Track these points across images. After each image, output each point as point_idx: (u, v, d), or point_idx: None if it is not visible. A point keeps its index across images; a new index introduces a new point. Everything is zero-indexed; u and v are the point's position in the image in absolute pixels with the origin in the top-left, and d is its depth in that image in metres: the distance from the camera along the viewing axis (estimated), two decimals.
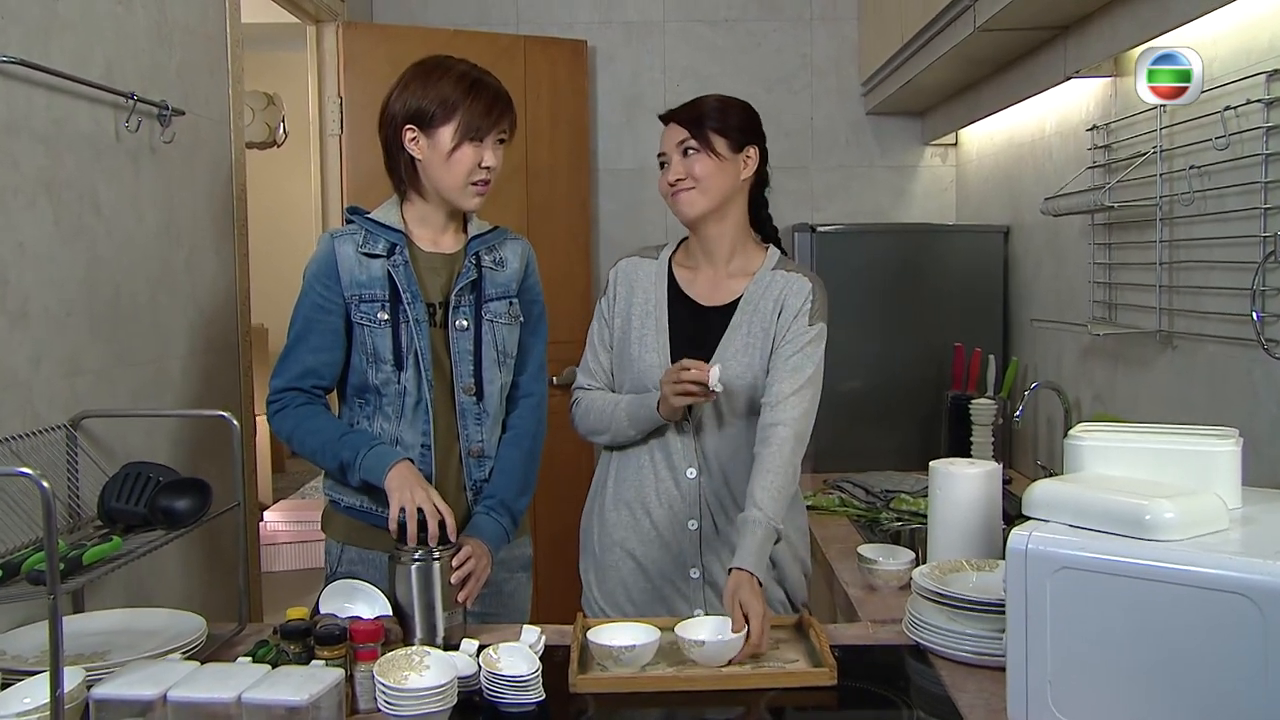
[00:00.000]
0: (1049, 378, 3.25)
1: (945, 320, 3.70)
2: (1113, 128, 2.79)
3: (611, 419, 2.32)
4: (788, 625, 2.12)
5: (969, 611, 1.92)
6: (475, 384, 2.23)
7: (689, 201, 2.28)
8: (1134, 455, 1.72)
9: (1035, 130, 3.44)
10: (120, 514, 2.02)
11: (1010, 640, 1.64)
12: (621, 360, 2.36)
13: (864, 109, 4.45)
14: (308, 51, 3.93)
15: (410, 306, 2.17)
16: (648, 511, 2.33)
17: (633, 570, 2.35)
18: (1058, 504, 1.65)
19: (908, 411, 3.69)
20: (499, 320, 2.26)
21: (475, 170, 2.18)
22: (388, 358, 2.17)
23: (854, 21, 4.43)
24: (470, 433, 2.25)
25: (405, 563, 1.99)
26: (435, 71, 2.19)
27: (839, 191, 4.48)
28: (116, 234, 2.38)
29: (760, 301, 2.31)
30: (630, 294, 2.37)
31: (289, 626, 1.80)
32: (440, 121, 2.16)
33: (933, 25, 3.16)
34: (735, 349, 2.28)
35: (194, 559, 2.70)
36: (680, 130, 2.29)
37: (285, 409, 2.20)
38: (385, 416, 2.21)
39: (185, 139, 2.68)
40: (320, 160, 3.98)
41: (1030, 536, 1.61)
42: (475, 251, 2.27)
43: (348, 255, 2.19)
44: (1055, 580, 1.58)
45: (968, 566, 2.13)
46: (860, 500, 3.17)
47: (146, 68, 2.51)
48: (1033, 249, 3.49)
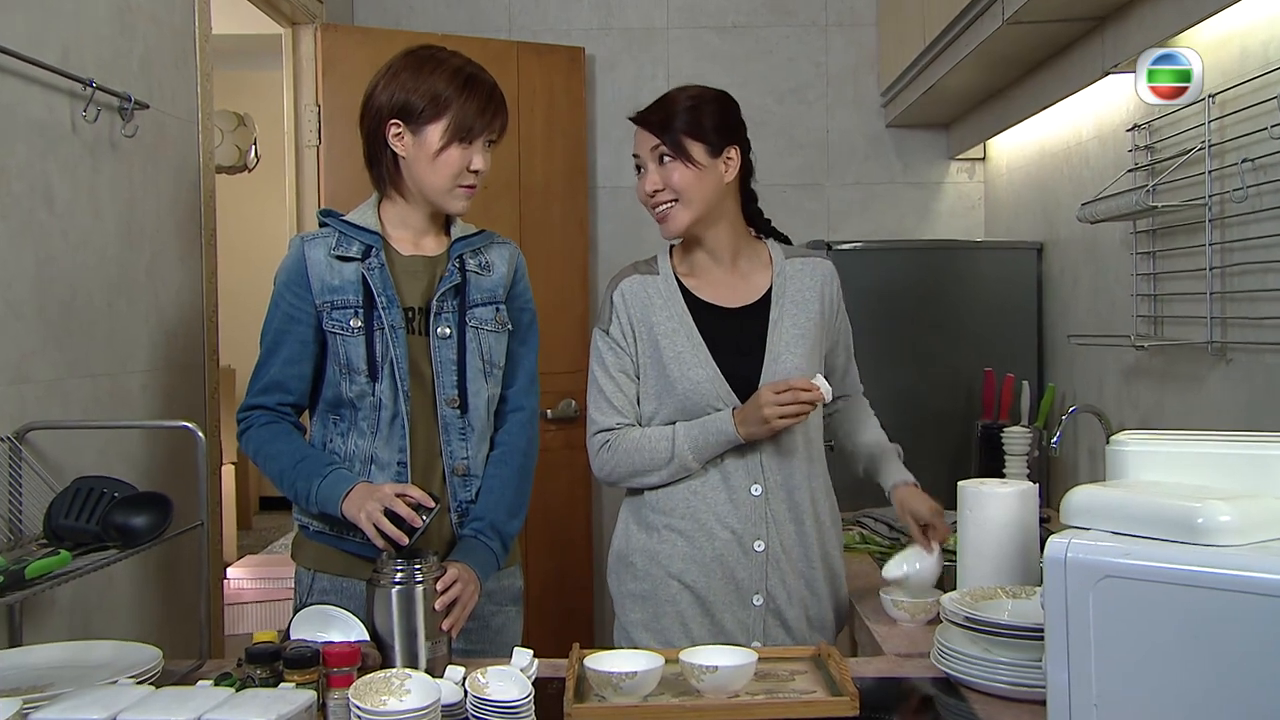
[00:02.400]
0: (1089, 401, 3.23)
1: (974, 344, 3.69)
2: (1156, 126, 2.79)
3: (671, 454, 2.29)
4: (804, 657, 2.09)
5: (1005, 638, 1.89)
6: (459, 396, 2.22)
7: (673, 219, 2.32)
8: (1184, 460, 1.71)
9: (1070, 136, 3.44)
10: (69, 531, 2.00)
11: (1050, 661, 1.61)
12: (660, 385, 2.33)
13: (884, 121, 4.47)
14: (283, 56, 3.96)
15: (385, 312, 2.17)
16: (710, 536, 2.31)
17: (691, 603, 2.33)
18: (1099, 510, 1.63)
19: (934, 444, 3.67)
20: (484, 328, 2.26)
21: (463, 173, 2.20)
22: (361, 368, 2.17)
23: (872, 27, 4.47)
24: (454, 449, 2.23)
25: (384, 585, 1.97)
26: (428, 64, 2.20)
27: (857, 210, 4.49)
28: (72, 232, 2.38)
29: (791, 291, 2.37)
30: (646, 314, 2.36)
31: (256, 649, 1.78)
32: (429, 118, 2.17)
33: (958, 21, 3.18)
34: (785, 345, 2.33)
35: (150, 588, 2.67)
36: (652, 136, 2.30)
37: (250, 429, 2.22)
38: (360, 432, 2.20)
39: (149, 136, 2.69)
40: (296, 176, 4.00)
41: (1070, 544, 1.59)
42: (459, 254, 2.27)
43: (318, 260, 2.20)
44: (1099, 591, 1.55)
45: (1002, 594, 2.10)
46: (883, 536, 3.14)
47: (107, 56, 2.52)
48: (1069, 265, 3.49)
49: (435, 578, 2.01)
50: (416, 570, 1.98)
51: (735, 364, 2.31)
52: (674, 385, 2.31)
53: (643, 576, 2.36)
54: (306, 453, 2.20)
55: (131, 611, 2.59)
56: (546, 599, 3.07)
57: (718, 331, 2.34)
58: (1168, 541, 1.53)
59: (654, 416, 2.34)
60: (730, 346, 2.32)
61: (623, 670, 1.84)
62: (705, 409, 2.29)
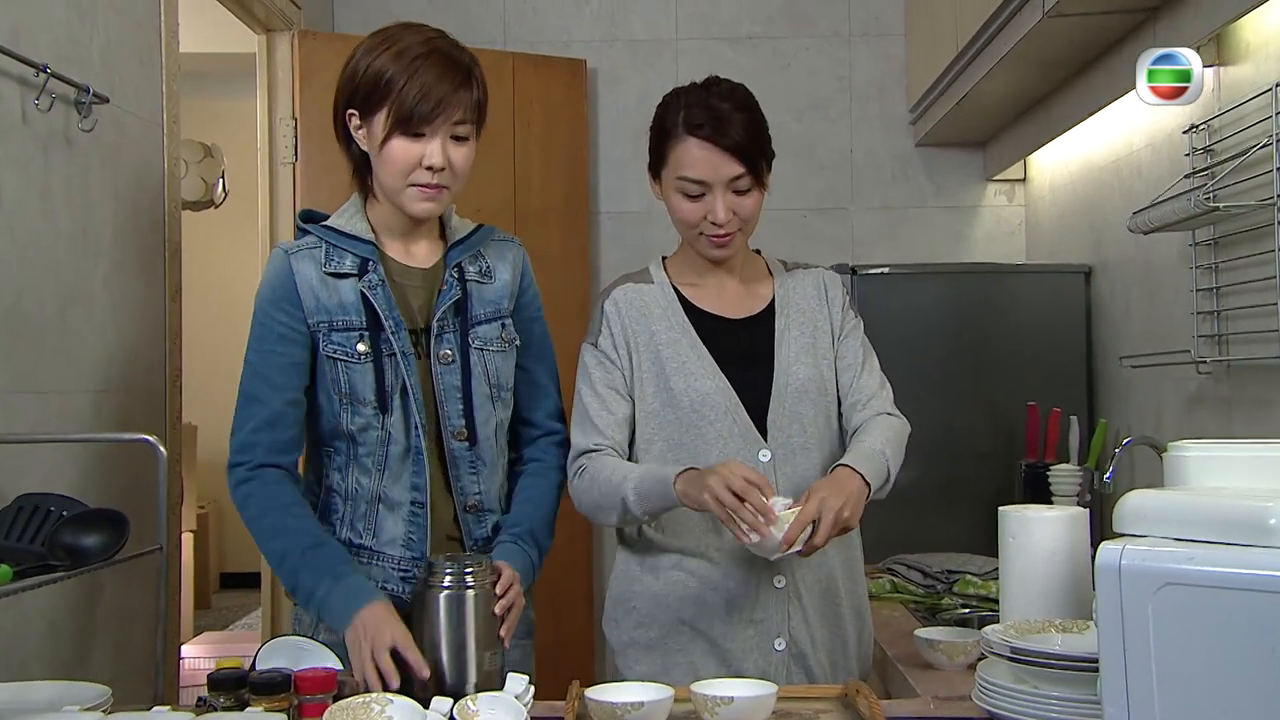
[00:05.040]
0: (1146, 433, 3.21)
1: (1016, 377, 3.68)
2: (1215, 126, 2.80)
3: (617, 495, 2.20)
4: (831, 697, 2.07)
5: (1057, 669, 1.86)
6: (467, 427, 2.18)
7: (733, 245, 2.30)
8: (1249, 466, 1.71)
9: (1120, 146, 3.46)
10: (9, 553, 1.98)
11: (1105, 681, 1.58)
12: (661, 400, 2.31)
13: (913, 139, 4.50)
14: (257, 66, 4.00)
15: (394, 336, 2.11)
16: (724, 574, 2.27)
17: (705, 651, 2.28)
18: (1157, 514, 1.61)
19: (972, 488, 3.64)
20: (490, 348, 2.21)
21: (416, 170, 2.09)
22: (368, 398, 2.11)
23: (899, 37, 4.51)
24: (465, 484, 2.20)
25: (435, 589, 1.96)
26: (385, 42, 2.12)
27: (884, 236, 4.50)
28: (19, 232, 2.39)
29: (796, 300, 2.37)
30: (643, 324, 2.34)
31: (219, 675, 1.76)
32: (375, 105, 2.08)
33: (994, 19, 3.20)
34: (794, 353, 2.32)
35: (98, 622, 2.64)
36: (733, 163, 2.22)
37: (250, 484, 2.11)
38: (363, 469, 2.15)
39: (109, 134, 2.71)
40: (270, 197, 4.00)
41: (1124, 550, 1.57)
42: (457, 263, 2.21)
43: (308, 276, 2.12)
44: (1158, 601, 1.53)
45: (1052, 628, 2.07)
46: (918, 584, 3.12)
47: (63, 42, 2.55)
48: (1120, 288, 3.49)
49: (491, 581, 2.01)
50: (466, 574, 1.98)
51: (744, 376, 2.30)
52: (678, 399, 2.28)
53: (648, 623, 2.33)
54: (319, 538, 2.10)
55: (74, 646, 2.57)
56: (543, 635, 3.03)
57: (723, 342, 2.33)
58: (1235, 545, 1.51)
59: (653, 440, 2.30)
60: (737, 358, 2.31)
61: (628, 701, 1.81)
62: (712, 424, 2.27)
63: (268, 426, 2.11)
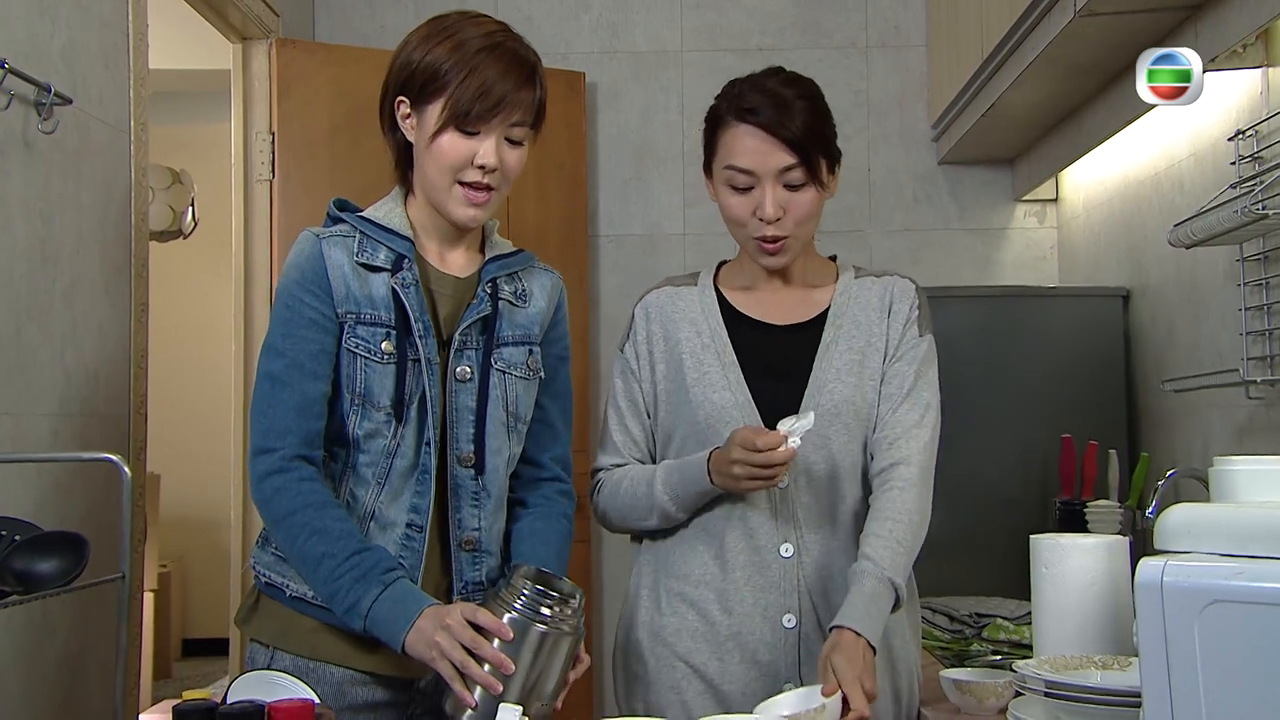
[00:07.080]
0: (1192, 466, 3.20)
1: (1049, 408, 3.66)
2: (1264, 131, 2.81)
3: (649, 496, 2.24)
4: None
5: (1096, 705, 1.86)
6: (475, 453, 2.14)
7: (787, 251, 2.25)
8: None
9: (1160, 158, 3.46)
10: None
11: (1149, 710, 1.57)
12: (678, 412, 2.30)
13: (935, 157, 4.52)
14: (232, 77, 4.03)
15: (421, 341, 2.08)
16: (726, 609, 2.24)
17: (701, 693, 2.24)
18: (1202, 528, 1.62)
19: (1001, 527, 3.61)
20: (513, 372, 2.17)
21: (466, 168, 2.07)
22: (383, 403, 2.07)
23: (921, 48, 4.54)
24: (464, 516, 2.14)
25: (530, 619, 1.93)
26: (450, 28, 2.10)
27: (906, 260, 4.51)
28: None
29: (854, 310, 2.31)
30: (671, 330, 2.33)
31: (186, 707, 1.75)
32: (430, 96, 2.07)
33: (1022, 20, 3.21)
34: (836, 369, 2.27)
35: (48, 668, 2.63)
36: (784, 152, 2.18)
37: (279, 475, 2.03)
38: (360, 480, 2.10)
39: (71, 138, 2.72)
40: (244, 218, 4.01)
41: (1165, 567, 1.57)
42: (492, 278, 2.18)
43: (340, 263, 2.08)
44: (1205, 620, 1.53)
45: (1091, 664, 2.07)
46: (943, 629, 3.10)
47: (21, 40, 2.57)
48: (1162, 311, 3.49)
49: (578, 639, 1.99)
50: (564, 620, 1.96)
51: (770, 389, 2.25)
52: (693, 411, 2.26)
53: (645, 664, 2.29)
54: (361, 544, 2.04)
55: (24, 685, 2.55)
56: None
57: (760, 351, 2.30)
58: None
59: (669, 444, 2.31)
60: (767, 368, 2.28)
61: None
62: (721, 442, 2.20)
63: (299, 414, 2.06)
